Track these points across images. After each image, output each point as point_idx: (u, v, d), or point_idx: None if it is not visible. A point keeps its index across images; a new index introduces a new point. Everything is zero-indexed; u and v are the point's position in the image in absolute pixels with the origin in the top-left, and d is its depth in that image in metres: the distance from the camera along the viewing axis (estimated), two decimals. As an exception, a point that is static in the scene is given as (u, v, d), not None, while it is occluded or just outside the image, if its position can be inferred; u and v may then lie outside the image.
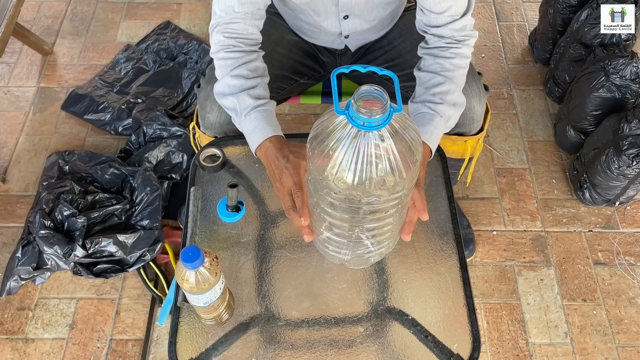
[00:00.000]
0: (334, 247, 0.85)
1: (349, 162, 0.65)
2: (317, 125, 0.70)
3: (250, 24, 1.04)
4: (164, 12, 2.27)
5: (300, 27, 1.27)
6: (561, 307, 1.52)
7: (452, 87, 1.02)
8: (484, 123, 1.22)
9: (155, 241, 1.54)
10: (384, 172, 0.66)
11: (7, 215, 1.70)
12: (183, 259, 0.75)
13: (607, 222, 1.68)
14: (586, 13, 1.72)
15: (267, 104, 1.02)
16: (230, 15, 1.03)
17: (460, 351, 0.86)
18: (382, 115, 0.62)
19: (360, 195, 0.69)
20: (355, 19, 1.17)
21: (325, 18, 1.16)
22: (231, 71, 1.02)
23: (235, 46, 1.04)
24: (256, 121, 0.99)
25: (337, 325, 0.90)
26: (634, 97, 1.60)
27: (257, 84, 1.02)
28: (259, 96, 1.01)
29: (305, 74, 1.31)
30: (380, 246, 0.85)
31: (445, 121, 1.01)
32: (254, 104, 1.00)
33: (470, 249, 1.59)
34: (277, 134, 0.98)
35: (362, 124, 0.63)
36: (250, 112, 0.99)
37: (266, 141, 0.96)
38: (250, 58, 1.04)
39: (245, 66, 1.03)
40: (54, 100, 1.98)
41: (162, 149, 1.73)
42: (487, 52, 2.11)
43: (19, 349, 1.45)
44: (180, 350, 0.88)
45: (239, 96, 1.01)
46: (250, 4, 1.02)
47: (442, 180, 1.06)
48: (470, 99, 1.15)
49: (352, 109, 0.63)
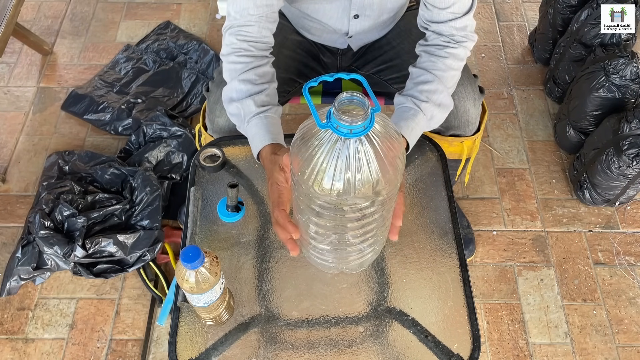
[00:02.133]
0: (324, 256, 0.86)
1: (333, 169, 0.65)
2: (299, 132, 0.69)
3: (264, 27, 1.04)
4: (164, 12, 2.27)
5: (304, 25, 1.26)
6: (561, 307, 1.52)
7: (439, 87, 1.02)
8: (480, 124, 1.22)
9: (155, 241, 1.54)
10: (368, 175, 0.65)
11: (7, 215, 1.70)
12: (183, 259, 0.75)
13: (607, 222, 1.68)
14: (586, 13, 1.72)
15: (270, 110, 1.01)
16: (245, 17, 1.02)
17: (460, 351, 0.86)
18: (366, 120, 0.62)
19: (345, 199, 0.68)
20: (365, 20, 1.17)
21: (335, 15, 1.16)
22: (239, 75, 1.02)
23: (246, 50, 1.03)
24: (256, 128, 0.98)
25: (337, 325, 0.90)
26: (634, 97, 1.60)
27: (263, 90, 1.02)
28: (263, 103, 1.01)
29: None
30: (369, 250, 0.85)
31: (428, 120, 1.01)
32: (256, 110, 0.99)
33: (470, 249, 1.59)
34: (275, 141, 0.97)
35: (348, 132, 0.62)
36: (252, 119, 0.99)
37: (263, 149, 0.96)
38: (260, 63, 1.04)
39: (254, 71, 1.02)
40: (54, 100, 1.98)
41: (162, 149, 1.73)
42: (487, 52, 2.11)
43: (19, 349, 1.45)
44: (180, 350, 0.87)
45: (243, 102, 1.01)
46: (265, 7, 1.02)
47: (442, 180, 1.06)
48: (465, 101, 1.15)
49: (335, 120, 0.62)
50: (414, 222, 1.01)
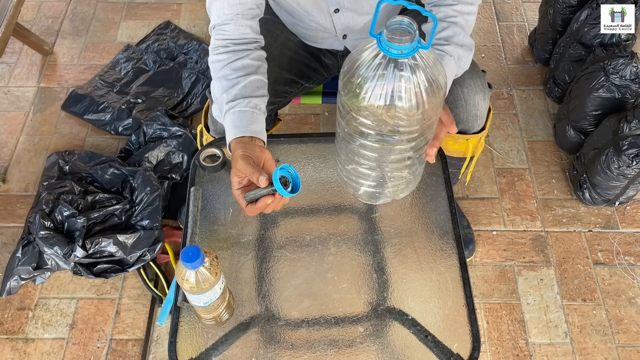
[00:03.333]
0: (357, 177, 0.94)
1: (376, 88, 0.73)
2: (349, 58, 0.78)
3: (240, 24, 1.03)
4: (164, 12, 2.27)
5: (299, 32, 1.27)
6: (561, 307, 1.52)
7: (457, 30, 1.02)
8: (486, 121, 1.22)
9: (155, 241, 1.54)
10: (408, 100, 0.74)
11: (7, 215, 1.70)
12: (183, 259, 0.75)
13: (607, 222, 1.68)
14: (586, 13, 1.72)
15: (239, 104, 0.98)
16: (222, 17, 1.03)
17: (460, 351, 0.86)
18: (414, 42, 0.70)
19: (386, 120, 0.77)
20: (347, 12, 1.15)
21: (316, 13, 1.15)
22: (217, 73, 1.02)
23: (224, 47, 1.03)
24: (227, 123, 0.98)
25: (337, 325, 0.90)
26: (633, 97, 1.60)
27: (237, 83, 1.00)
28: (234, 97, 0.99)
29: (310, 78, 1.31)
30: (397, 185, 0.93)
31: (456, 60, 1.01)
32: (226, 108, 0.99)
33: (469, 249, 1.59)
34: (237, 135, 0.95)
35: (386, 49, 0.71)
36: (226, 116, 0.99)
37: (230, 143, 0.96)
38: (237, 57, 1.02)
39: (229, 66, 1.01)
40: (54, 100, 1.98)
41: (162, 149, 1.73)
42: (487, 52, 2.11)
43: (19, 348, 1.45)
44: (180, 350, 0.88)
45: (218, 100, 1.01)
46: (239, 5, 1.02)
47: (442, 180, 1.06)
48: (475, 95, 1.15)
49: (383, 36, 0.71)
50: (414, 222, 1.01)
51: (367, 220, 1.02)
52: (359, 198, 1.00)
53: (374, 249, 0.98)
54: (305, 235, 1.00)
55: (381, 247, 0.98)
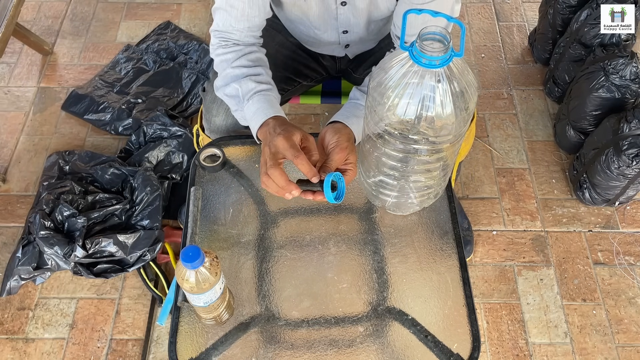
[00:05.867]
0: (383, 189, 0.93)
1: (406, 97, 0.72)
2: (379, 65, 0.77)
3: (246, 36, 1.05)
4: (164, 12, 2.27)
5: (300, 37, 1.27)
6: (561, 307, 1.52)
7: None
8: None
9: (156, 241, 1.54)
10: (437, 111, 0.72)
11: (7, 215, 1.70)
12: (183, 258, 0.75)
13: (606, 222, 1.68)
14: (586, 13, 1.72)
15: (272, 90, 1.00)
16: (227, 28, 1.03)
17: (460, 351, 0.86)
18: (443, 55, 0.68)
19: (414, 130, 0.76)
20: (354, 35, 1.17)
21: (325, 31, 1.16)
22: (232, 63, 1.02)
23: (234, 41, 1.05)
24: (258, 103, 0.97)
25: (337, 325, 0.90)
26: (633, 97, 1.60)
27: (260, 72, 1.01)
28: (262, 81, 1.00)
29: (308, 77, 1.31)
30: (423, 195, 0.93)
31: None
32: (256, 87, 0.98)
33: (467, 249, 1.59)
34: (280, 114, 0.96)
35: (422, 60, 0.68)
36: (253, 96, 0.98)
37: (268, 119, 0.94)
38: (250, 50, 1.04)
39: (246, 57, 1.02)
40: (54, 100, 1.98)
41: (162, 149, 1.73)
42: (486, 52, 2.12)
43: (19, 348, 1.46)
44: (180, 350, 0.88)
45: (241, 81, 0.99)
46: (246, 21, 1.02)
47: (442, 180, 1.06)
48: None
49: (416, 46, 0.69)
50: (414, 222, 1.01)
51: (367, 220, 1.02)
52: (388, 210, 1.00)
53: (373, 249, 0.98)
54: (305, 235, 1.00)
55: (381, 247, 0.98)
